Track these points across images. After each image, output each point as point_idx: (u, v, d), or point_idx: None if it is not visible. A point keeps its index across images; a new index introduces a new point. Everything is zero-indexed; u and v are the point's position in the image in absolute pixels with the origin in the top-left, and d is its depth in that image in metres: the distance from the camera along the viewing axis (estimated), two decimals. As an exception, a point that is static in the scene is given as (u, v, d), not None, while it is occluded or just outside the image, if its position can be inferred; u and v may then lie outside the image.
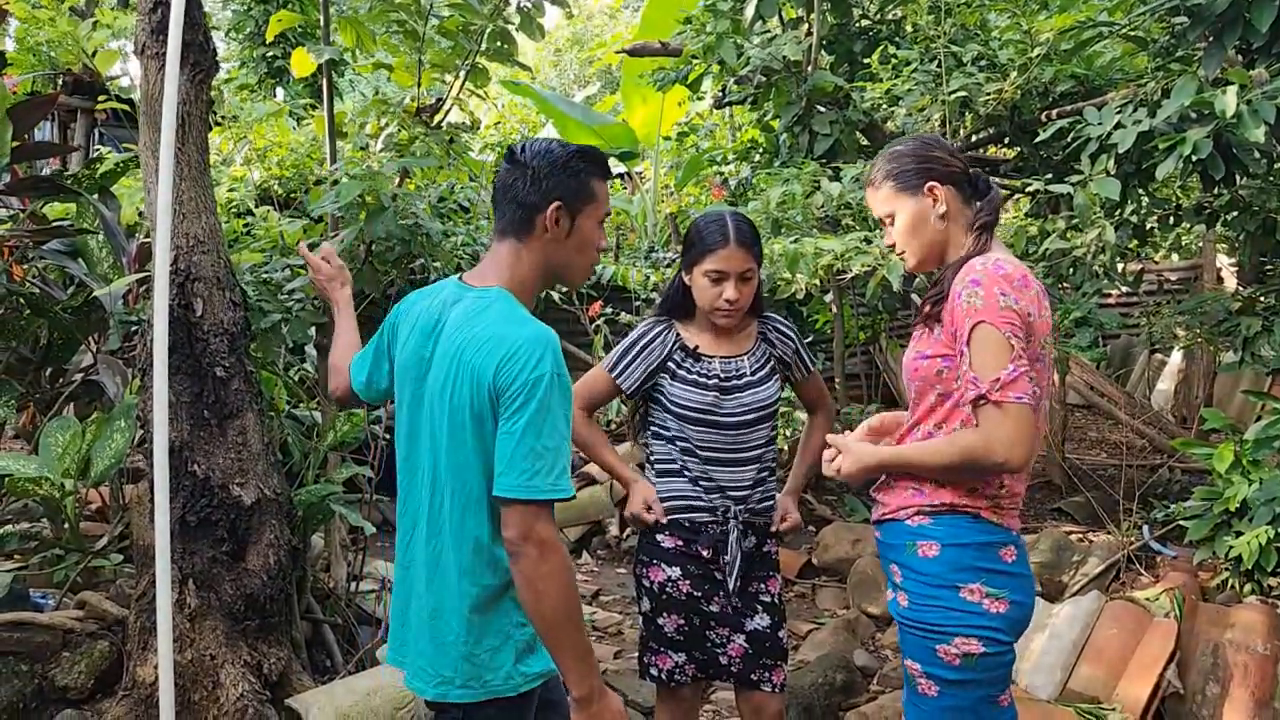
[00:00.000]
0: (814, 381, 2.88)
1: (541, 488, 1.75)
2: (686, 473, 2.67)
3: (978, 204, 2.11)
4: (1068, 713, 3.51)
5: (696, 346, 2.68)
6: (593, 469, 6.29)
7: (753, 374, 2.68)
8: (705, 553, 2.65)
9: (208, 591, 2.97)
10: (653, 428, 2.76)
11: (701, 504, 2.66)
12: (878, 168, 2.16)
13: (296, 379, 4.19)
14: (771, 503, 2.75)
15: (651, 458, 2.78)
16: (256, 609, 3.02)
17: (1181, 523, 4.56)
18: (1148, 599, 4.02)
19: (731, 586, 2.64)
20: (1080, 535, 5.06)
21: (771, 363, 2.74)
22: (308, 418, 3.93)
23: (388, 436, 4.05)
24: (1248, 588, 4.11)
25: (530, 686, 1.89)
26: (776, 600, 2.74)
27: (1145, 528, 4.86)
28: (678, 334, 2.71)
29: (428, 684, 1.93)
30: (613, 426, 7.15)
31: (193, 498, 2.96)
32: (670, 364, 2.68)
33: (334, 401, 2.29)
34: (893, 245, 2.19)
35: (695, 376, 2.65)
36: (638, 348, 2.71)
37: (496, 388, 1.79)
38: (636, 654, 4.03)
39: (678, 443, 2.67)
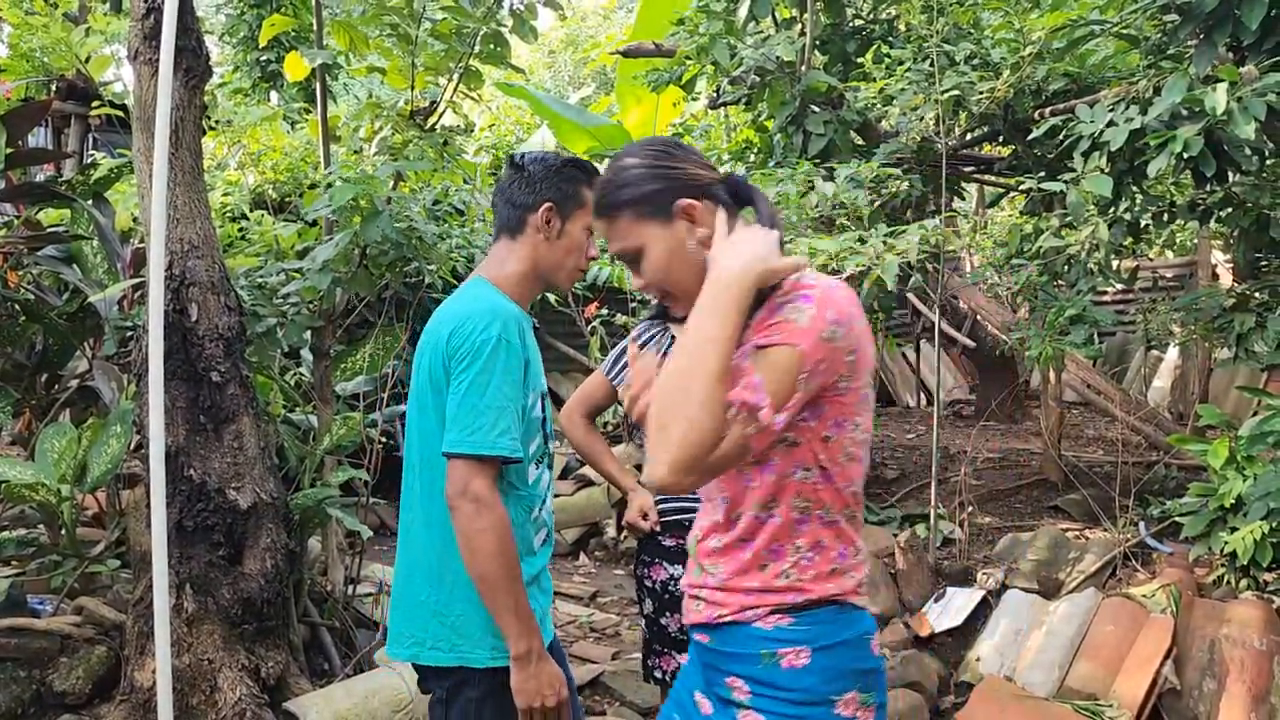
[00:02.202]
0: None
1: (480, 443, 1.81)
2: None
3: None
4: (1065, 709, 3.52)
5: None
6: (590, 471, 6.29)
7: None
8: None
9: (205, 596, 2.97)
10: None
11: (696, 504, 2.66)
12: (607, 192, 1.65)
13: (292, 383, 4.19)
14: None
15: None
16: (254, 613, 3.02)
17: (1177, 519, 4.56)
18: (1144, 595, 4.03)
19: None
20: (1077, 532, 5.07)
21: None
22: (304, 422, 3.93)
23: (384, 440, 4.05)
24: (1244, 583, 4.12)
25: (507, 662, 1.90)
26: None
27: (1141, 524, 4.86)
28: (673, 335, 2.71)
29: (402, 646, 1.97)
30: (608, 428, 7.15)
31: (189, 502, 2.96)
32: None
33: None
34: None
35: None
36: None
37: (448, 353, 1.89)
38: (636, 656, 4.04)
39: None
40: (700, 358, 1.43)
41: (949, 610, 4.27)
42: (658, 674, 2.71)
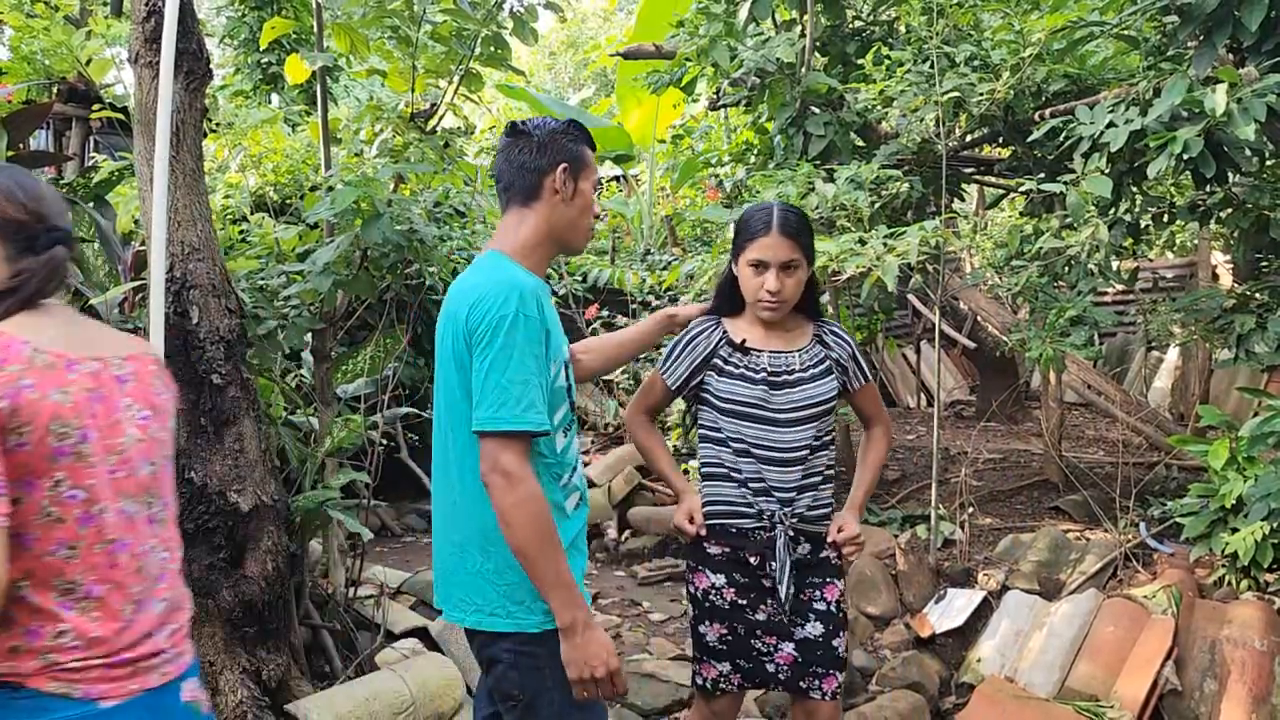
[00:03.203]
0: (870, 392, 2.76)
1: (507, 419, 1.85)
2: (735, 475, 2.57)
3: (26, 262, 1.58)
4: (1066, 710, 3.52)
5: (744, 340, 2.60)
6: (590, 472, 6.30)
7: (802, 369, 2.59)
8: (753, 559, 2.56)
9: (206, 598, 2.97)
10: (702, 430, 2.68)
11: (748, 510, 2.56)
12: None
13: (293, 385, 4.19)
14: (824, 510, 2.64)
15: (699, 460, 2.70)
16: (255, 615, 3.02)
17: (1178, 520, 4.56)
18: (1145, 596, 4.04)
19: (784, 594, 2.52)
20: (1078, 533, 5.06)
21: (827, 363, 2.62)
22: (305, 424, 3.93)
23: (385, 443, 4.06)
24: (1244, 584, 4.12)
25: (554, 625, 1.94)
26: (833, 608, 2.61)
27: (1142, 525, 4.86)
28: (724, 330, 2.64)
29: (465, 612, 2.03)
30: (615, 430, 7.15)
31: (190, 505, 2.96)
32: (716, 360, 2.60)
33: None
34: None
35: (743, 370, 2.57)
36: (683, 344, 2.66)
37: (469, 329, 1.92)
38: (637, 658, 4.05)
39: (730, 444, 2.58)
40: None
41: (950, 611, 4.27)
42: (699, 680, 2.63)
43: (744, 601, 2.57)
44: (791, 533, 2.56)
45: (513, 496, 1.85)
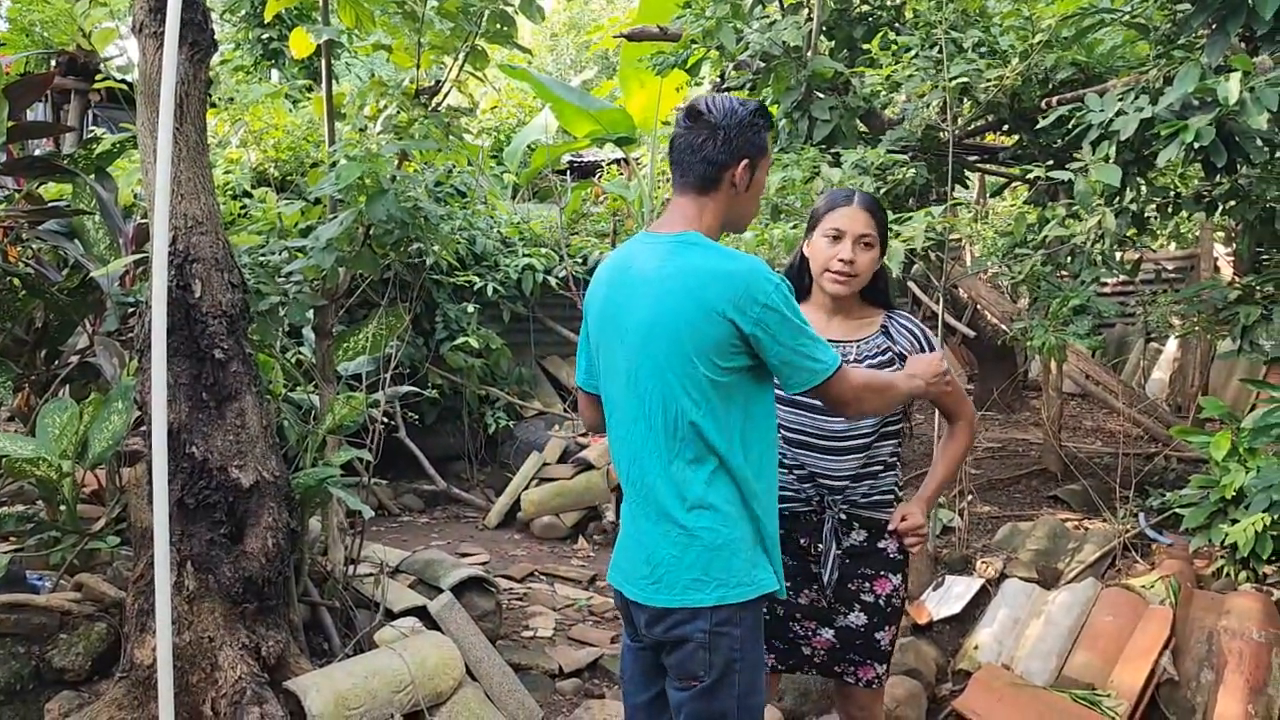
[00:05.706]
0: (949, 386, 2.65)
1: (832, 358, 2.05)
2: (783, 460, 2.51)
3: None
4: (1063, 698, 3.53)
5: None
6: (589, 455, 6.29)
7: (859, 359, 2.54)
8: (803, 541, 2.54)
9: (206, 574, 2.96)
10: None
11: (796, 495, 2.53)
12: None
13: (293, 362, 4.17)
14: (882, 498, 2.59)
15: None
16: (255, 591, 3.01)
17: (1178, 510, 4.57)
18: (1143, 586, 4.04)
19: (826, 579, 2.50)
20: (1076, 523, 5.07)
21: (889, 354, 2.56)
22: (304, 401, 3.92)
23: (385, 421, 4.04)
24: (1243, 575, 4.13)
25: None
26: (882, 602, 2.57)
27: (1141, 515, 4.87)
28: None
29: (666, 592, 2.10)
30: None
31: (191, 480, 2.95)
32: None
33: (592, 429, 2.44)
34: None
35: None
36: None
37: (744, 301, 1.96)
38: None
39: (780, 429, 2.50)
40: None
41: (948, 598, 4.28)
42: None
43: (787, 583, 2.52)
44: (843, 518, 2.54)
45: (875, 401, 2.16)
